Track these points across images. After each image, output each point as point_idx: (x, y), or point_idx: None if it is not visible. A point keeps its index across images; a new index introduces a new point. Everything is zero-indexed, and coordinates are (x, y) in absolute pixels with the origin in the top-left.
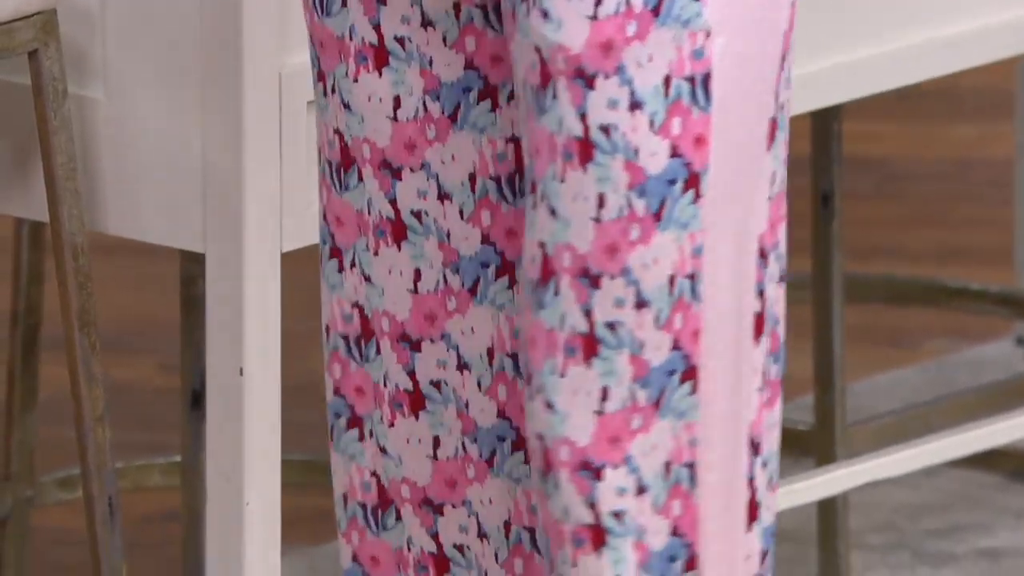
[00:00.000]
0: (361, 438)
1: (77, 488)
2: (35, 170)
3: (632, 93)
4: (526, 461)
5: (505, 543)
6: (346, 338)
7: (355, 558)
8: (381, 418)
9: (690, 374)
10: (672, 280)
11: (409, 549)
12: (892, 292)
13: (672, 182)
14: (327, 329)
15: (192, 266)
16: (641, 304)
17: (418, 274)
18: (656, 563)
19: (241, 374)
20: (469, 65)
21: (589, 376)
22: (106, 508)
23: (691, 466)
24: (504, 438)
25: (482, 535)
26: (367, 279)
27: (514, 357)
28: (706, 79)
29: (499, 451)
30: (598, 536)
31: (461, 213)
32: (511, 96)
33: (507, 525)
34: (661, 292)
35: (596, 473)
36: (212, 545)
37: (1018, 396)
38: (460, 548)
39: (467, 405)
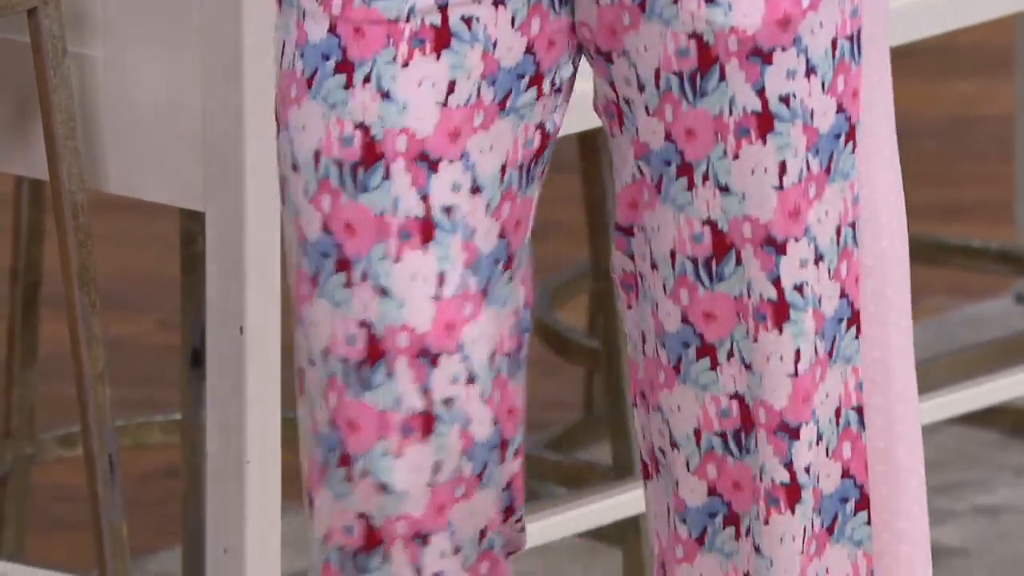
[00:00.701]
0: (350, 479)
1: (77, 445)
2: (35, 128)
3: (808, 60)
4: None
5: (697, 450)
6: (345, 362)
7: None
8: (384, 452)
9: (854, 319)
10: (838, 230)
11: None
12: None
13: (838, 136)
14: (326, 353)
15: (192, 224)
16: (819, 259)
17: (441, 279)
18: (829, 504)
19: (241, 332)
20: (528, 49)
21: (783, 341)
22: (106, 466)
23: (859, 409)
24: None
25: (673, 443)
26: (383, 292)
27: (508, 354)
28: (859, 34)
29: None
30: (793, 494)
31: (487, 207)
32: (553, 84)
33: (697, 433)
34: (831, 244)
35: (793, 433)
36: (212, 502)
37: (1018, 353)
38: None
39: (470, 422)
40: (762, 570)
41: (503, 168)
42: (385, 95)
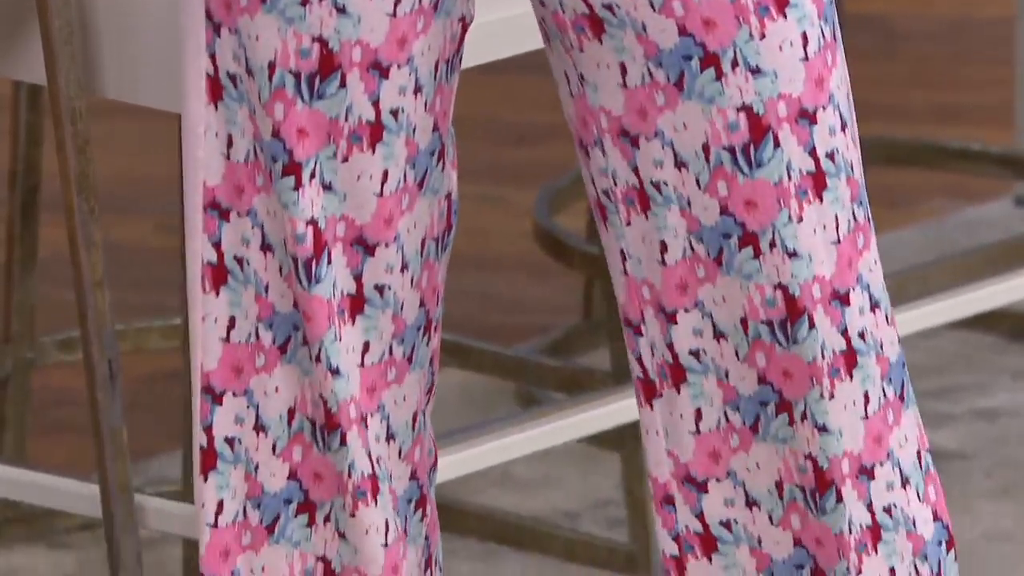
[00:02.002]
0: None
1: (77, 349)
2: (33, 33)
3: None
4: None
5: (745, 339)
6: (296, 259)
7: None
8: (335, 336)
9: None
10: (848, 95)
11: (350, 475)
12: (891, 153)
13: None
14: (284, 244)
15: None
16: (844, 126)
17: (366, 347)
18: (896, 372)
19: None
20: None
21: (824, 209)
22: (106, 371)
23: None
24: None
25: (718, 335)
26: (327, 187)
27: (436, 238)
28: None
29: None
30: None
31: (425, 104)
32: None
33: (744, 321)
34: (849, 109)
35: (844, 300)
36: None
37: (1017, 256)
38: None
39: (402, 307)
40: (831, 444)
41: (436, 64)
42: (340, 9)
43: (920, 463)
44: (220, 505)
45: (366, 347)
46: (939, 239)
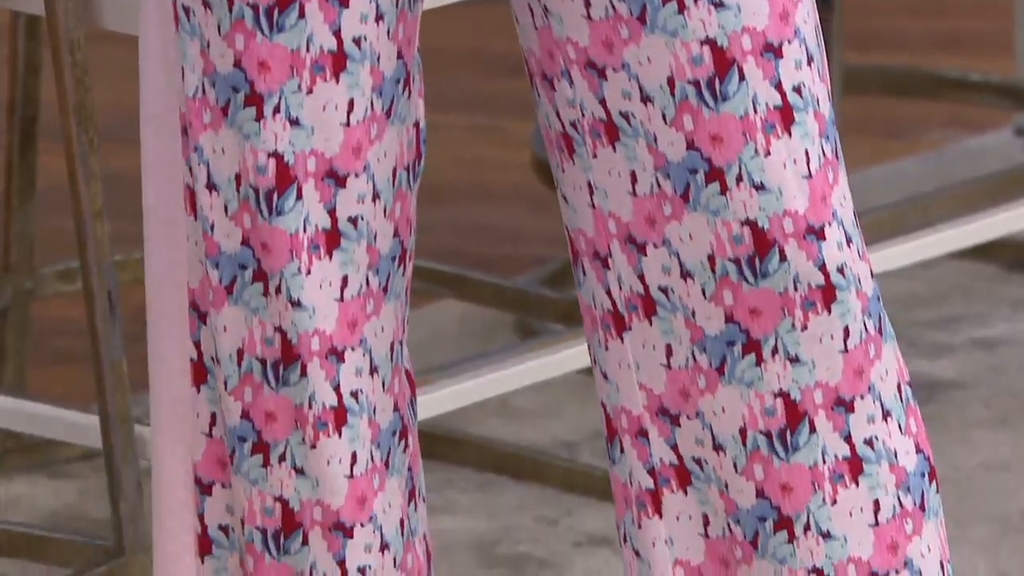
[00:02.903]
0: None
1: (77, 280)
2: None
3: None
4: None
5: (712, 277)
6: (256, 190)
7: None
8: (299, 269)
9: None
10: (817, 31)
11: (311, 406)
12: (891, 82)
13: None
14: (237, 179)
15: None
16: (810, 60)
17: (345, 281)
18: (875, 307)
19: None
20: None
21: (792, 145)
22: (106, 303)
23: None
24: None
25: (685, 274)
26: (294, 122)
27: (407, 167)
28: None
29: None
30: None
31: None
32: None
33: (711, 259)
34: (817, 45)
35: (820, 234)
36: None
37: (1017, 186)
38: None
39: (376, 237)
40: (803, 375)
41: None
42: None
43: (901, 396)
44: (212, 416)
45: (345, 281)
46: (939, 169)
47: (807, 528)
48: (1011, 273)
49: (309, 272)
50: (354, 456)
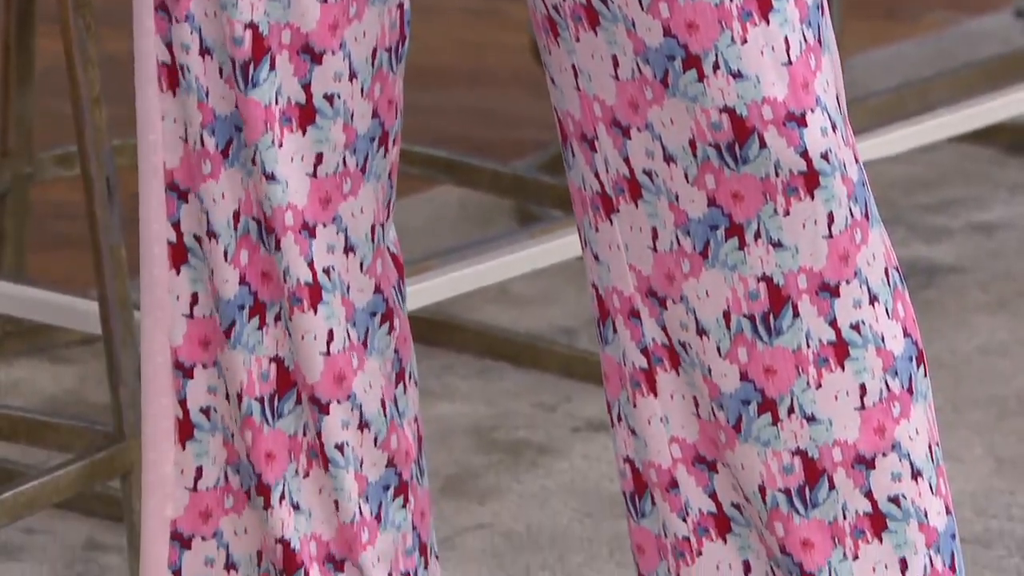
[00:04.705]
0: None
1: (75, 164)
2: None
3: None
4: None
5: (694, 161)
6: (233, 61)
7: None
8: (272, 141)
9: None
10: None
11: (286, 280)
12: None
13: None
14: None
15: None
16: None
17: (319, 159)
18: (861, 192)
19: None
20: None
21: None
22: (104, 188)
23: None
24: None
25: (668, 158)
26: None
27: (388, 49)
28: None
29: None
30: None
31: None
32: None
33: (692, 144)
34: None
35: (801, 121)
36: None
37: (1016, 70)
38: None
39: (352, 116)
40: (786, 260)
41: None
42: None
43: (888, 280)
44: (194, 296)
45: (319, 158)
46: (938, 52)
47: (791, 411)
48: (1010, 157)
49: (281, 145)
50: (331, 333)
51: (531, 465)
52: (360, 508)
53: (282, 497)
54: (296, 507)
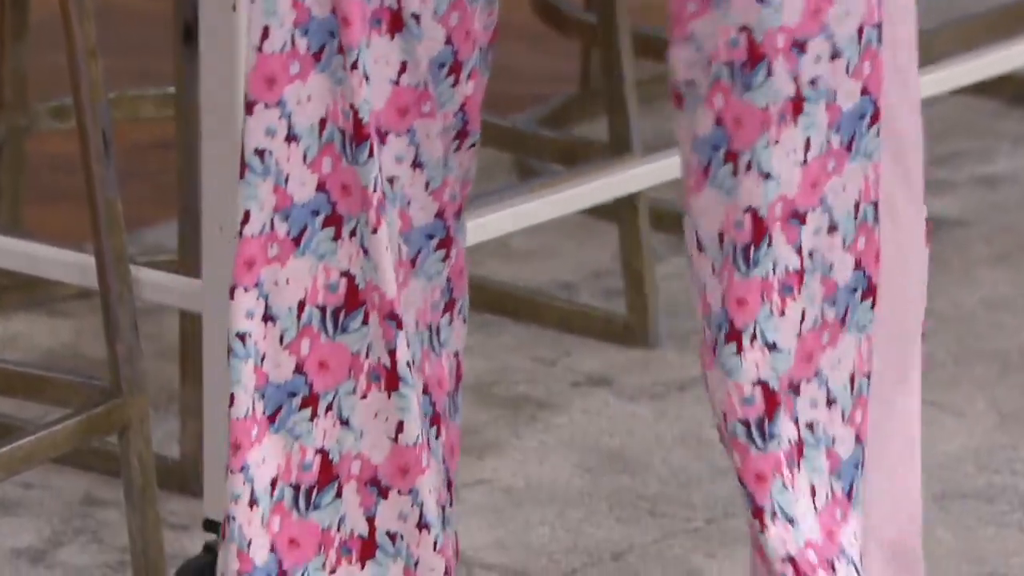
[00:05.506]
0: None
1: (71, 118)
2: None
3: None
4: None
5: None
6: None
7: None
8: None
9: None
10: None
11: (374, 188)
12: None
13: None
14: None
15: None
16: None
17: (403, 67)
18: (848, 123)
19: (234, 9)
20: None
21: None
22: (100, 142)
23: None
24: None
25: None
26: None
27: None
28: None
29: None
30: (797, 107)
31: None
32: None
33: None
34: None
35: (801, 47)
36: (208, 183)
37: (1019, 22)
38: None
39: (432, 42)
40: (770, 191)
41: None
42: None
43: (856, 213)
44: (247, 215)
45: (403, 67)
46: (941, 4)
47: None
48: (1013, 109)
49: (369, 45)
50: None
51: (530, 420)
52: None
53: (329, 408)
54: (345, 423)
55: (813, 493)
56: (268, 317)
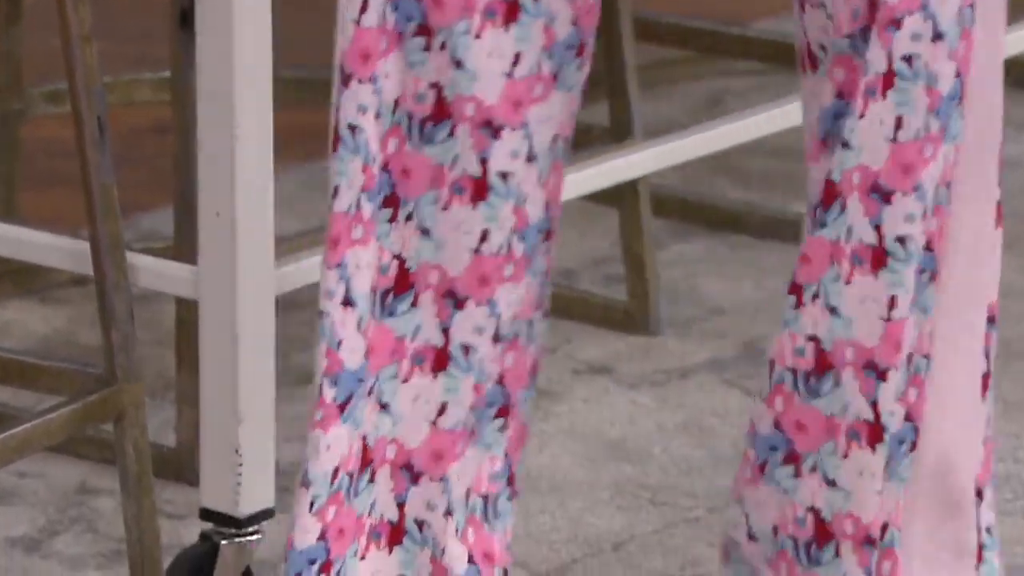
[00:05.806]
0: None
1: (66, 102)
2: None
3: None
4: None
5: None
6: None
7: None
8: (468, 30)
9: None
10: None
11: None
12: None
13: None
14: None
15: None
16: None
17: (517, 58)
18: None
19: None
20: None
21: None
22: (95, 127)
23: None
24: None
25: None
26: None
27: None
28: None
29: None
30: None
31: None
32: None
33: None
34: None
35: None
36: (204, 168)
37: None
38: None
39: (555, 20)
40: (850, 159)
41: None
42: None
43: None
44: (337, 190)
45: (517, 58)
46: None
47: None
48: (1017, 92)
49: (479, 36)
50: (485, 233)
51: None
52: (464, 419)
53: (370, 391)
54: (384, 407)
55: None
56: (347, 302)
